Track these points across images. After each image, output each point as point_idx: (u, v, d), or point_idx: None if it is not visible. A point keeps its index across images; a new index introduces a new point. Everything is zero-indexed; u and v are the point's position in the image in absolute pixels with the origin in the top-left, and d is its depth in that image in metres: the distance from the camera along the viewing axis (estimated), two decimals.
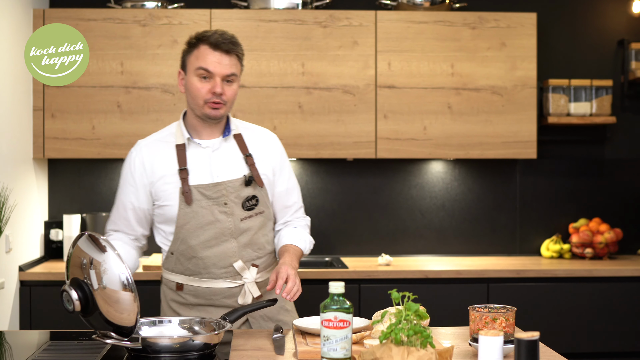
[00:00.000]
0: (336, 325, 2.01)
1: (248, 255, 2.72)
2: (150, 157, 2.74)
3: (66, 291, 2.15)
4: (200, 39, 2.65)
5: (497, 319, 2.33)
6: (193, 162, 2.70)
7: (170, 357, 2.18)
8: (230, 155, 2.74)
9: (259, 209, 2.73)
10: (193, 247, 2.68)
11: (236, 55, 2.66)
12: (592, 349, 4.27)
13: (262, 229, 2.75)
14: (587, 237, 4.63)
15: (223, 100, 2.65)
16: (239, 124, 2.83)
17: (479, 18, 4.45)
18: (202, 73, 2.63)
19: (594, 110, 4.67)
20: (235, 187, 2.69)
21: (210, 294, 2.71)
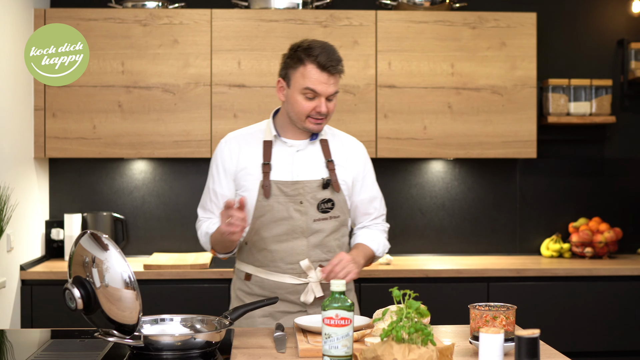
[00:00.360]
0: (337, 323, 2.03)
1: (316, 255, 2.76)
2: (237, 148, 2.81)
3: (68, 289, 2.16)
4: (308, 56, 2.66)
5: (497, 317, 2.34)
6: (277, 159, 2.77)
7: (172, 355, 2.19)
8: (312, 157, 2.79)
9: (334, 213, 2.78)
10: (265, 239, 2.74)
11: (341, 71, 2.72)
12: (592, 348, 4.28)
13: (335, 233, 2.80)
14: (586, 236, 4.64)
15: (324, 115, 2.72)
16: (328, 130, 2.89)
17: (479, 18, 4.46)
18: (308, 93, 2.67)
19: (594, 109, 4.68)
20: (313, 188, 2.74)
21: (275, 287, 2.77)
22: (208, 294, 4.10)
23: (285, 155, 2.77)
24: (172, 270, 4.11)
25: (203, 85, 4.35)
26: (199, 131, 4.35)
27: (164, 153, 4.36)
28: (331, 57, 2.66)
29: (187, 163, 4.72)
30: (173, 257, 4.43)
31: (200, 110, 4.35)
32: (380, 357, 1.89)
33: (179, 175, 4.72)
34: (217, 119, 4.35)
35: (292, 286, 2.76)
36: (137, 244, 4.70)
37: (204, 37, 4.35)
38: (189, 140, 4.35)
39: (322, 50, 2.66)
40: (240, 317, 2.45)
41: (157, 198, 4.71)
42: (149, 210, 4.71)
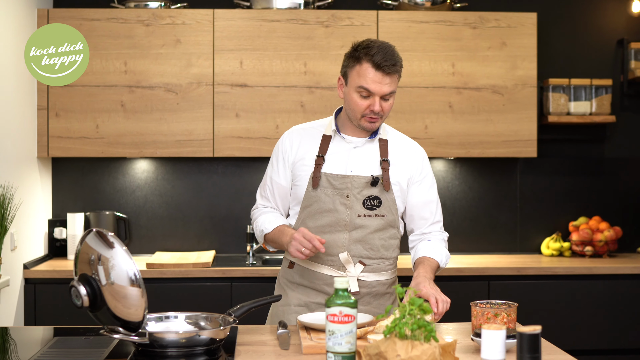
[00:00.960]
0: (341, 320, 2.04)
1: (357, 250, 2.78)
2: (297, 140, 2.87)
3: (75, 287, 2.18)
4: (365, 54, 2.68)
5: (498, 315, 2.37)
6: (333, 153, 2.81)
7: (176, 352, 2.21)
8: (369, 155, 2.81)
9: (381, 211, 2.79)
10: (310, 229, 2.76)
11: (398, 72, 2.72)
12: (592, 346, 4.30)
13: (380, 231, 2.81)
14: (587, 235, 4.66)
15: (380, 115, 2.73)
16: (390, 131, 2.91)
17: (480, 18, 4.48)
18: (362, 92, 2.69)
19: (594, 109, 4.71)
20: (361, 183, 2.76)
21: (313, 277, 2.81)
22: (210, 292, 4.12)
23: (342, 150, 2.81)
24: (175, 269, 4.13)
25: (205, 85, 4.37)
26: (202, 130, 4.37)
27: (166, 152, 4.38)
28: (387, 57, 2.67)
29: (190, 162, 4.74)
30: (175, 255, 4.46)
31: (203, 110, 4.37)
32: (383, 354, 1.91)
33: (182, 175, 4.74)
34: (219, 119, 4.37)
35: (330, 278, 2.79)
36: (140, 243, 4.72)
37: (206, 37, 4.37)
38: (191, 140, 4.37)
39: (379, 50, 2.67)
40: (244, 314, 2.47)
41: (160, 197, 4.73)
42: (152, 210, 4.73)
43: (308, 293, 2.83)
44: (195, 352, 2.23)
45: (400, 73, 2.75)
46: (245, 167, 4.74)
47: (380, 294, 2.84)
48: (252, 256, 4.45)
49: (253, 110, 4.39)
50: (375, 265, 2.82)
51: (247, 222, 4.65)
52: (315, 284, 2.81)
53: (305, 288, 2.84)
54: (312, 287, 2.83)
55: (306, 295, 2.83)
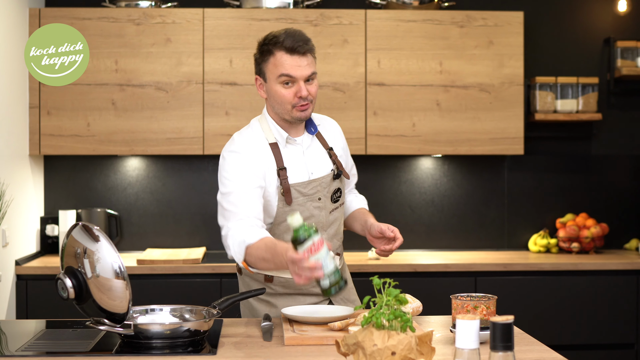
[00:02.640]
0: (317, 248, 2.22)
1: (333, 245, 2.81)
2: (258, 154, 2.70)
3: (61, 279, 2.23)
4: (274, 45, 2.64)
5: (478, 307, 2.41)
6: (289, 161, 2.73)
7: (161, 343, 2.25)
8: (318, 151, 2.81)
9: (342, 200, 2.84)
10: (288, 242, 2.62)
11: (312, 52, 2.69)
12: (578, 341, 4.35)
13: (342, 217, 2.88)
14: (573, 231, 4.70)
15: (309, 99, 2.67)
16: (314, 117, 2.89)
17: (467, 17, 4.53)
18: (284, 79, 2.63)
19: (580, 107, 4.76)
20: (327, 182, 2.77)
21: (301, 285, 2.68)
22: (200, 288, 4.17)
23: (296, 155, 2.75)
24: (165, 265, 4.18)
25: (195, 84, 4.42)
26: (192, 128, 4.42)
27: (157, 150, 4.42)
28: (297, 39, 2.62)
29: (180, 160, 4.79)
30: (166, 252, 4.50)
31: (193, 108, 4.42)
32: (361, 343, 1.95)
33: (172, 172, 4.79)
34: (209, 117, 4.42)
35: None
36: (131, 240, 4.76)
37: (196, 36, 4.42)
38: (181, 138, 4.42)
39: (286, 35, 2.63)
40: (228, 307, 2.51)
41: (151, 194, 4.78)
42: (143, 207, 4.78)
43: (296, 298, 2.79)
44: (180, 343, 2.27)
45: (314, 54, 2.70)
46: None
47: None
48: None
49: (242, 108, 4.43)
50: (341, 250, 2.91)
51: None
52: (302, 289, 2.78)
53: (293, 296, 2.79)
54: (299, 293, 2.79)
55: (295, 301, 2.78)
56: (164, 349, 2.24)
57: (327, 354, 2.21)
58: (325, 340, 2.32)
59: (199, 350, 2.25)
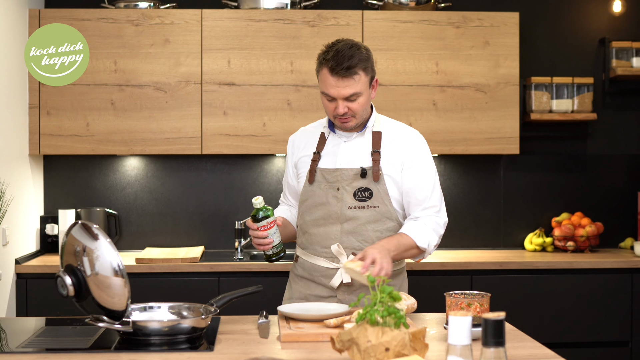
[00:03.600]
0: (269, 226, 2.71)
1: (349, 242, 2.84)
2: (299, 141, 3.03)
3: (60, 277, 2.27)
4: (323, 59, 2.77)
5: (472, 304, 2.44)
6: (328, 149, 2.92)
7: (159, 340, 2.29)
8: (359, 148, 2.88)
9: (372, 202, 2.83)
10: (306, 223, 2.90)
11: (356, 73, 2.73)
12: (573, 339, 4.38)
13: (374, 223, 2.84)
14: (569, 230, 4.74)
15: (350, 115, 2.80)
16: (384, 122, 2.94)
17: (463, 17, 4.56)
18: (326, 96, 2.79)
19: (576, 107, 4.79)
20: (350, 176, 2.83)
21: (312, 269, 2.90)
22: (198, 286, 4.20)
23: (335, 145, 2.91)
24: (164, 264, 4.21)
25: (194, 84, 4.45)
26: (190, 128, 4.45)
27: (155, 150, 4.46)
28: (340, 61, 2.70)
29: (179, 159, 4.82)
30: (165, 251, 4.54)
31: (191, 108, 4.45)
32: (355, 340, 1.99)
33: (171, 172, 4.82)
34: (207, 117, 4.45)
35: (326, 270, 2.86)
36: (130, 239, 4.80)
37: (194, 36, 4.45)
38: (180, 137, 4.45)
39: (335, 54, 2.72)
40: (225, 305, 2.55)
41: (149, 194, 4.81)
42: (142, 206, 4.81)
43: (309, 285, 2.91)
44: (178, 340, 2.31)
45: (365, 72, 2.75)
46: (233, 164, 4.83)
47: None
48: (240, 251, 4.53)
49: (240, 108, 4.47)
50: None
51: (235, 218, 4.73)
52: (314, 276, 2.89)
53: (307, 281, 2.92)
54: (311, 279, 2.91)
55: (307, 288, 2.91)
56: (162, 346, 2.28)
57: (322, 350, 2.25)
58: (321, 336, 2.36)
59: (197, 347, 2.29)
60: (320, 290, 2.88)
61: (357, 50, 2.76)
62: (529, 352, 2.25)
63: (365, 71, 2.76)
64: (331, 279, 2.86)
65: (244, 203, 4.81)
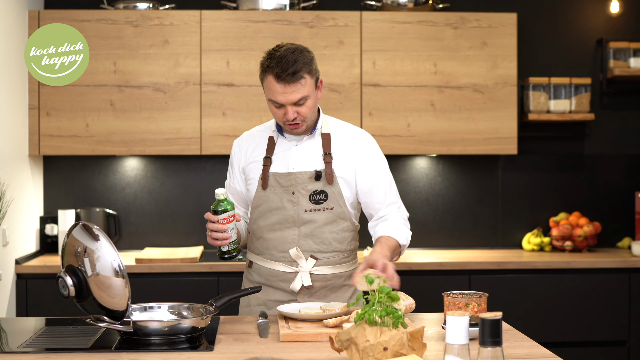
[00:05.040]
0: (229, 220, 2.66)
1: (307, 245, 2.84)
2: (246, 145, 2.96)
3: (61, 277, 2.28)
4: (267, 67, 2.71)
5: (469, 304, 2.46)
6: (278, 153, 2.88)
7: (159, 340, 2.30)
8: (310, 150, 2.87)
9: (328, 204, 2.83)
10: (261, 228, 2.87)
11: (302, 77, 2.69)
12: (571, 338, 4.41)
13: (330, 225, 2.85)
14: (566, 230, 4.76)
15: (300, 120, 2.77)
16: (333, 124, 2.93)
17: (461, 18, 4.58)
18: (274, 103, 2.74)
19: (573, 107, 4.81)
20: (304, 179, 2.82)
21: (269, 274, 2.88)
22: (198, 286, 4.22)
23: (285, 149, 2.87)
24: (163, 264, 4.23)
25: (193, 85, 4.47)
26: (189, 129, 4.47)
27: (155, 150, 4.47)
28: (285, 67, 2.66)
29: (178, 160, 4.83)
30: (164, 251, 4.55)
31: (190, 109, 4.47)
32: (354, 339, 2.01)
33: (170, 172, 4.84)
34: (206, 117, 4.47)
35: (284, 274, 2.85)
36: (130, 239, 4.81)
37: (193, 37, 4.47)
38: (179, 138, 4.47)
39: (278, 61, 2.67)
40: (224, 305, 2.56)
41: (149, 194, 4.83)
42: (141, 206, 4.83)
43: (266, 291, 2.88)
44: (178, 339, 2.32)
45: (310, 74, 2.72)
46: None
47: (337, 286, 2.89)
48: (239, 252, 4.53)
49: (239, 109, 4.48)
50: (329, 258, 2.86)
51: None
52: (271, 281, 2.87)
53: (264, 286, 2.88)
54: (269, 285, 2.88)
55: (264, 294, 2.88)
56: (162, 346, 2.29)
57: (321, 349, 2.26)
58: (320, 336, 2.37)
59: (197, 347, 2.30)
60: (280, 295, 2.87)
61: (300, 53, 2.72)
62: (526, 352, 2.27)
63: (310, 74, 2.73)
64: (290, 283, 2.85)
65: None
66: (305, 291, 2.86)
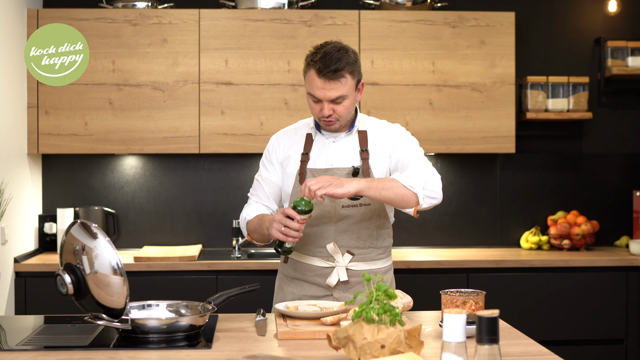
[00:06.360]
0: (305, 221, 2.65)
1: (344, 241, 2.87)
2: (284, 141, 2.99)
3: (60, 275, 2.29)
4: (310, 61, 2.77)
5: (467, 302, 2.47)
6: (315, 150, 2.91)
7: (158, 338, 2.31)
8: (348, 147, 2.90)
9: (365, 200, 2.86)
10: None
11: (342, 76, 2.74)
12: (569, 337, 4.41)
13: (367, 221, 2.88)
14: (564, 229, 4.77)
15: (334, 118, 2.81)
16: (368, 121, 2.96)
17: (459, 17, 4.58)
18: (312, 97, 2.79)
19: (571, 106, 4.82)
20: (342, 175, 2.84)
21: (304, 269, 2.91)
22: (196, 284, 4.22)
23: (323, 146, 2.90)
24: (162, 262, 4.23)
25: (191, 83, 4.47)
26: (188, 127, 4.47)
27: (153, 149, 4.48)
28: (328, 63, 2.71)
29: (177, 158, 4.84)
30: (163, 249, 4.56)
31: (189, 107, 4.47)
32: (351, 337, 2.02)
33: (169, 171, 4.84)
34: (205, 116, 4.48)
35: (320, 269, 2.88)
36: (128, 238, 4.82)
37: (192, 36, 4.47)
38: (177, 137, 4.47)
39: (323, 56, 2.73)
40: (223, 303, 2.57)
41: (147, 193, 4.83)
42: (140, 205, 4.83)
43: (302, 286, 2.92)
44: (176, 337, 2.33)
45: (351, 75, 2.75)
46: (230, 163, 4.85)
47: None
48: (237, 250, 4.55)
49: (238, 107, 4.49)
50: (365, 254, 2.89)
51: (233, 217, 4.76)
52: (307, 276, 2.90)
53: (299, 281, 2.92)
54: (304, 280, 2.92)
55: (300, 289, 2.92)
56: (161, 343, 2.30)
57: (319, 347, 2.27)
58: (317, 334, 2.38)
59: (195, 345, 2.31)
60: (315, 290, 2.90)
61: (345, 53, 2.76)
62: (523, 349, 2.28)
63: (352, 74, 2.77)
64: (326, 278, 2.88)
65: (241, 202, 4.82)
66: (341, 286, 2.89)
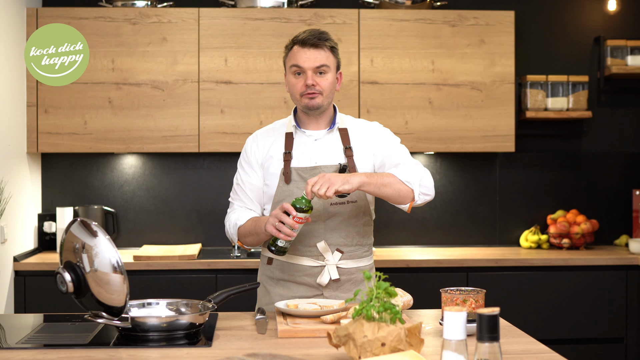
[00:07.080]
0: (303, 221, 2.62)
1: (333, 239, 2.87)
2: (262, 142, 2.97)
3: (60, 274, 2.29)
4: (293, 41, 2.84)
5: (467, 300, 2.47)
6: (297, 148, 2.91)
7: (158, 336, 2.31)
8: (331, 145, 2.90)
9: (352, 197, 2.87)
10: None
11: (325, 47, 2.81)
12: (568, 335, 4.41)
13: (354, 218, 2.89)
14: (564, 228, 4.77)
15: (317, 90, 2.81)
16: (347, 120, 2.98)
17: (459, 16, 4.58)
18: (295, 70, 2.81)
19: (571, 105, 4.82)
20: (330, 172, 2.81)
21: (293, 270, 2.89)
22: (196, 283, 4.22)
23: (305, 144, 2.90)
24: (161, 261, 4.23)
25: (191, 82, 4.47)
26: (187, 126, 4.47)
27: (153, 148, 4.48)
28: (312, 34, 2.80)
29: (176, 157, 4.84)
30: (162, 248, 4.56)
31: (188, 106, 4.47)
32: (351, 335, 2.01)
33: (168, 170, 4.84)
34: (204, 115, 4.47)
35: (310, 268, 2.86)
36: (128, 236, 4.82)
37: (191, 35, 4.47)
38: (177, 135, 4.47)
39: (305, 32, 2.82)
40: (223, 301, 2.56)
41: (147, 192, 4.83)
42: (139, 204, 4.83)
43: (289, 287, 2.89)
44: (176, 335, 2.32)
45: (333, 53, 2.84)
46: (230, 162, 4.84)
47: (360, 280, 2.91)
48: (237, 249, 4.55)
49: (237, 106, 4.49)
50: (353, 252, 2.89)
51: None
52: (295, 277, 2.88)
53: (286, 282, 2.90)
54: (292, 281, 2.89)
55: (288, 290, 2.89)
56: (161, 342, 2.30)
57: (319, 345, 2.27)
58: (318, 332, 2.38)
59: (195, 343, 2.30)
60: (304, 291, 2.88)
61: (328, 34, 2.86)
62: (523, 348, 2.28)
63: (333, 53, 2.85)
64: (315, 277, 2.87)
65: None
66: (332, 285, 2.88)
